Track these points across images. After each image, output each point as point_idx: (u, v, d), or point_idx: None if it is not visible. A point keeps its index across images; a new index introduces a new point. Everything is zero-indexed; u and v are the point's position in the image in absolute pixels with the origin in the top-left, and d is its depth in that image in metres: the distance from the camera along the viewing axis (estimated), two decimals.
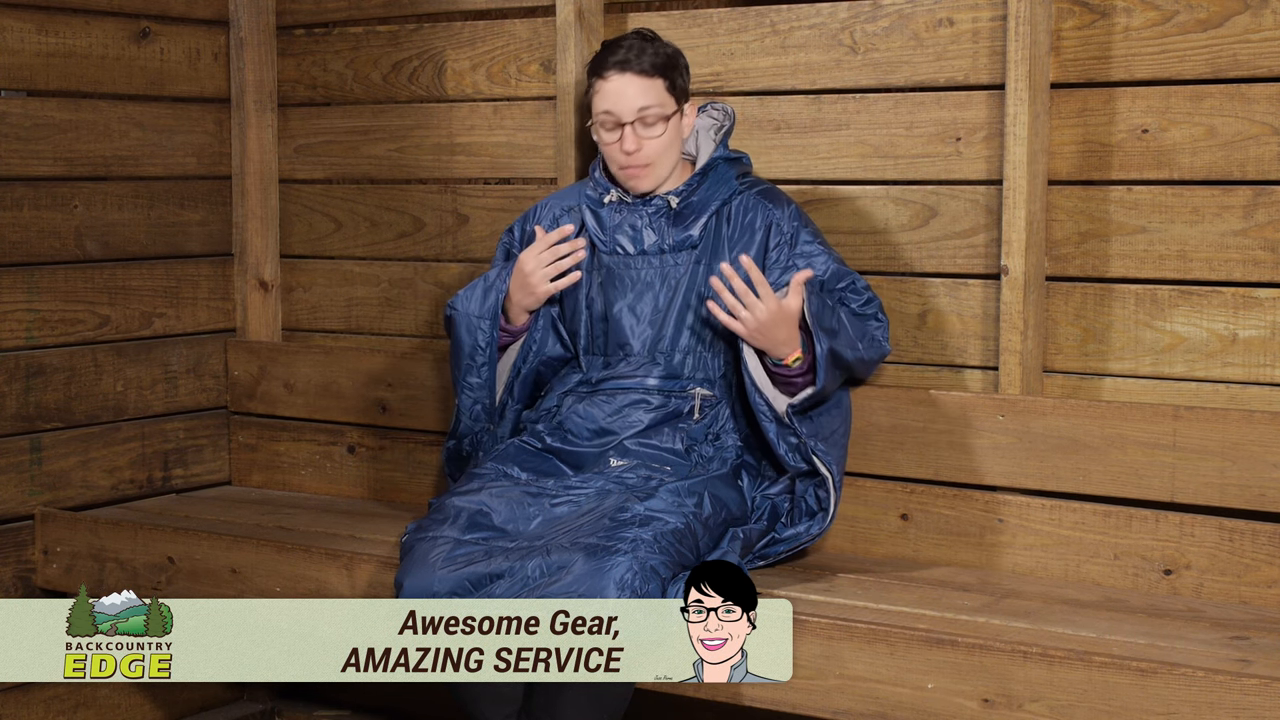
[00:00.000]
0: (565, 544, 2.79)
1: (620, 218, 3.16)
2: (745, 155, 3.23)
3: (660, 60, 3.09)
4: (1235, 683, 2.40)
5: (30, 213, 3.61)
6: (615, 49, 3.09)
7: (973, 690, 2.59)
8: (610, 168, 3.16)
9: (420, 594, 2.81)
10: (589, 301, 3.20)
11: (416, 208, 3.88)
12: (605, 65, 3.08)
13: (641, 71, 3.06)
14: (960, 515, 3.15)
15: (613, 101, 3.07)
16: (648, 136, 3.07)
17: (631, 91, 3.06)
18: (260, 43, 3.98)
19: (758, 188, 3.17)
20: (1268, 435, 2.86)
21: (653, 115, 3.07)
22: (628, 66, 3.06)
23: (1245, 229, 2.97)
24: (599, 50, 3.15)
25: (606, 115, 3.08)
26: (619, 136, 3.08)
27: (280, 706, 4.10)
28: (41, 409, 3.65)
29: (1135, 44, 3.04)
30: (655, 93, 3.07)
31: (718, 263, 3.09)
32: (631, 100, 3.06)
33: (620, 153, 3.09)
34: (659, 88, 3.08)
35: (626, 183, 3.13)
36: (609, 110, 3.08)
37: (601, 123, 3.10)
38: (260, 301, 4.04)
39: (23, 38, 3.56)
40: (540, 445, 3.14)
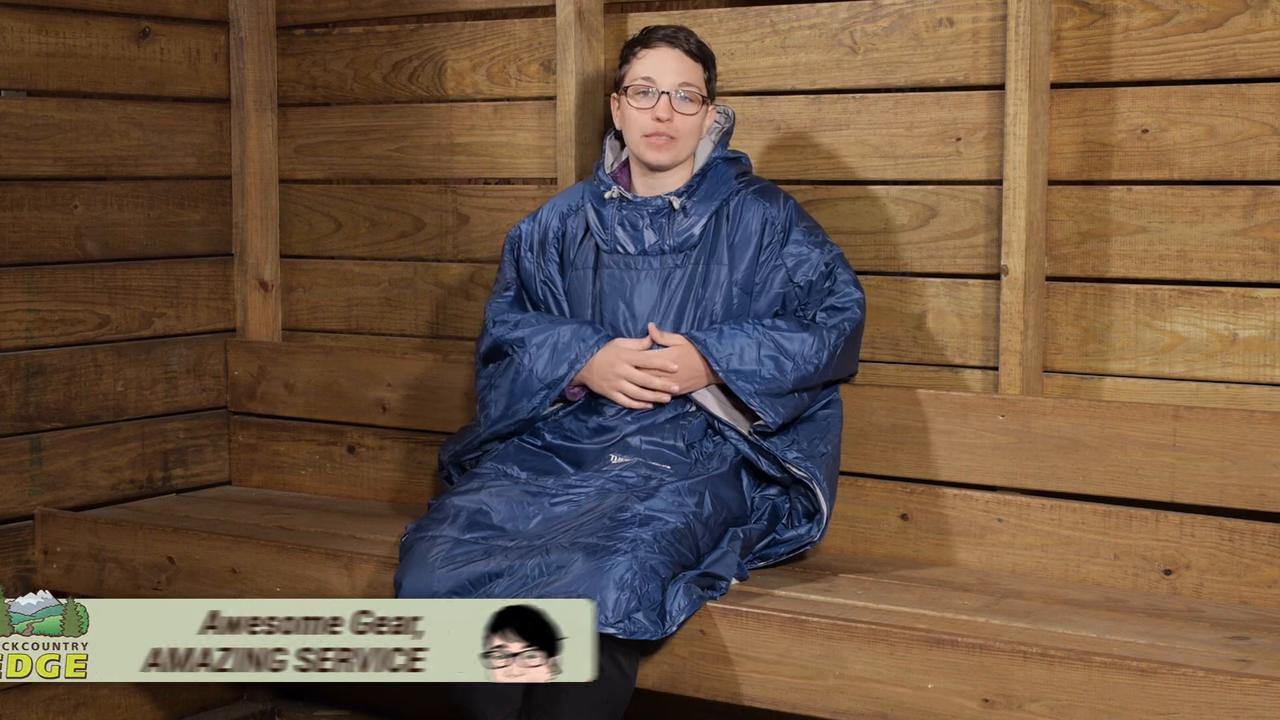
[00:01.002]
0: (565, 544, 2.79)
1: (621, 216, 3.16)
2: (744, 155, 3.23)
3: (705, 50, 3.16)
4: (1235, 683, 2.40)
5: (30, 213, 3.61)
6: (664, 28, 3.15)
7: (973, 690, 2.59)
8: (630, 138, 3.15)
9: (420, 593, 2.81)
10: (592, 300, 3.19)
11: (416, 208, 3.88)
12: (654, 37, 3.13)
13: (689, 52, 3.12)
14: (960, 515, 3.15)
15: (656, 69, 3.10)
16: (682, 112, 3.09)
17: (677, 65, 3.10)
18: (260, 43, 3.98)
19: (755, 186, 3.17)
20: (1268, 435, 2.86)
21: (692, 92, 3.10)
22: (677, 43, 3.12)
23: (1245, 229, 2.97)
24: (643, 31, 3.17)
25: (646, 81, 3.10)
26: (653, 103, 3.09)
27: (280, 706, 4.10)
28: (41, 409, 3.65)
29: (1135, 44, 3.04)
30: (697, 74, 3.12)
31: (715, 263, 3.10)
32: (675, 73, 3.10)
33: (650, 119, 3.10)
34: (699, 72, 3.13)
35: (645, 153, 3.12)
36: (650, 76, 3.10)
37: (638, 88, 3.11)
38: (260, 301, 4.04)
39: (23, 38, 3.56)
40: (541, 443, 3.14)
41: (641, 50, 3.13)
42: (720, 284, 3.11)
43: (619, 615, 2.68)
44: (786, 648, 2.73)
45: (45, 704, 3.68)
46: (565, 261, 3.23)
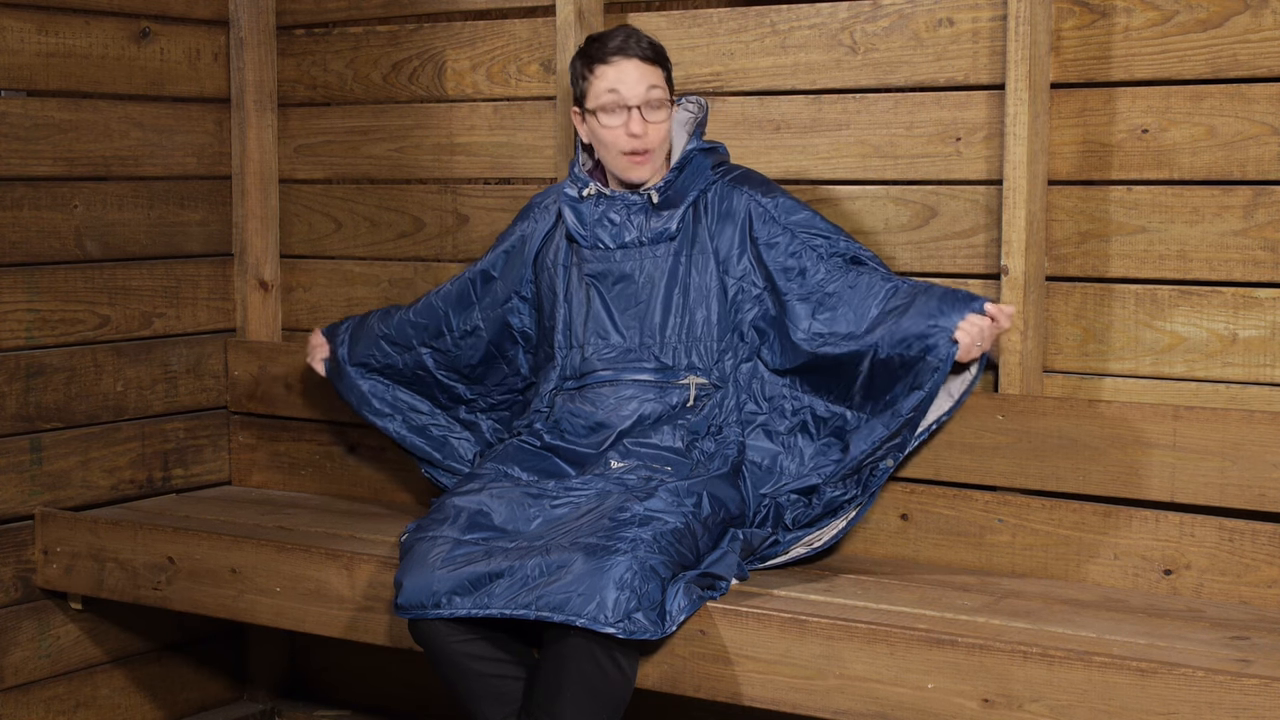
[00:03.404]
0: (565, 544, 2.79)
1: (600, 212, 3.16)
2: (721, 145, 3.23)
3: (658, 49, 3.12)
4: (1235, 683, 2.40)
5: (30, 213, 3.61)
6: (611, 37, 3.10)
7: (973, 690, 2.59)
8: (607, 156, 3.14)
9: (420, 593, 2.81)
10: (568, 294, 3.20)
11: (416, 208, 3.88)
12: (607, 50, 3.08)
13: (644, 58, 3.09)
14: (960, 515, 3.15)
15: (619, 82, 3.07)
16: (653, 120, 3.08)
17: (638, 74, 3.07)
18: (260, 43, 3.98)
19: (731, 174, 3.17)
20: (1268, 435, 2.86)
21: (658, 98, 3.08)
22: (631, 52, 3.07)
23: (1245, 229, 2.97)
24: (586, 43, 3.15)
25: (613, 96, 3.07)
26: (625, 119, 3.08)
27: (280, 706, 4.10)
28: (41, 409, 3.65)
29: (1135, 44, 3.04)
30: (658, 75, 3.10)
31: (698, 253, 3.11)
32: (639, 83, 3.07)
33: (626, 136, 3.08)
34: (659, 74, 3.11)
35: (627, 172, 3.12)
36: (615, 90, 3.07)
37: (605, 106, 3.09)
38: (260, 301, 4.04)
39: (23, 38, 3.56)
40: (539, 444, 3.15)
41: (599, 67, 3.09)
42: (707, 271, 3.11)
43: (619, 615, 2.68)
44: (786, 648, 2.73)
45: (45, 704, 3.68)
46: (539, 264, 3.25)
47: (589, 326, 3.17)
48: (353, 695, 4.08)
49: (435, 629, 2.83)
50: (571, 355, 3.19)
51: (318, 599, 3.23)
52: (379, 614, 3.14)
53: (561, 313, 3.22)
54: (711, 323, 3.11)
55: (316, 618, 3.24)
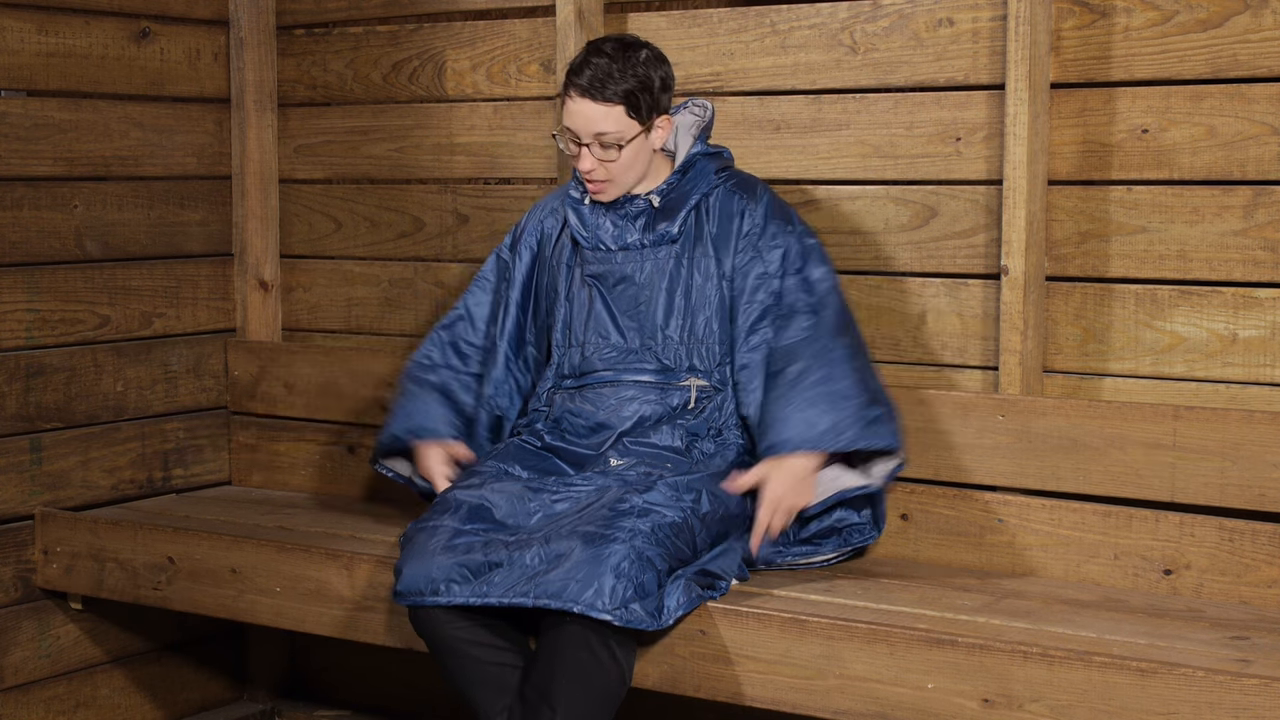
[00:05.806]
0: (564, 533, 2.80)
1: (603, 214, 3.16)
2: (725, 149, 3.22)
3: (627, 86, 3.02)
4: (1235, 683, 2.40)
5: (30, 213, 3.61)
6: (583, 69, 3.03)
7: (973, 690, 2.59)
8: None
9: (418, 579, 2.82)
10: (569, 294, 3.21)
11: (416, 208, 3.88)
12: (569, 84, 3.05)
13: (603, 100, 3.02)
14: (960, 515, 3.15)
15: (573, 119, 3.05)
16: (603, 159, 3.06)
17: (590, 115, 3.03)
18: (260, 43, 3.98)
19: (734, 180, 3.17)
20: (1268, 435, 2.86)
21: (609, 140, 3.04)
22: (587, 94, 3.02)
23: (1245, 229, 2.97)
24: (577, 56, 3.10)
25: (567, 130, 3.08)
26: (577, 153, 3.08)
27: (280, 706, 4.10)
28: (41, 409, 3.65)
29: (1135, 44, 3.04)
30: (613, 119, 3.02)
31: (700, 256, 3.11)
32: (588, 124, 3.03)
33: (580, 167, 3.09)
34: (618, 114, 3.02)
35: (590, 194, 3.14)
36: (569, 127, 3.07)
37: (564, 134, 3.09)
38: (260, 301, 4.04)
39: (23, 38, 3.56)
40: (540, 444, 3.15)
41: (564, 96, 3.07)
42: (710, 275, 3.11)
43: (616, 603, 2.68)
44: (786, 648, 2.73)
45: (45, 704, 3.68)
46: (539, 262, 3.25)
47: (590, 326, 3.17)
48: (353, 695, 4.08)
49: (434, 616, 2.84)
50: (570, 354, 3.20)
51: (317, 599, 3.23)
52: (379, 613, 3.14)
53: (561, 311, 3.22)
54: (713, 326, 3.12)
55: (316, 617, 3.24)
